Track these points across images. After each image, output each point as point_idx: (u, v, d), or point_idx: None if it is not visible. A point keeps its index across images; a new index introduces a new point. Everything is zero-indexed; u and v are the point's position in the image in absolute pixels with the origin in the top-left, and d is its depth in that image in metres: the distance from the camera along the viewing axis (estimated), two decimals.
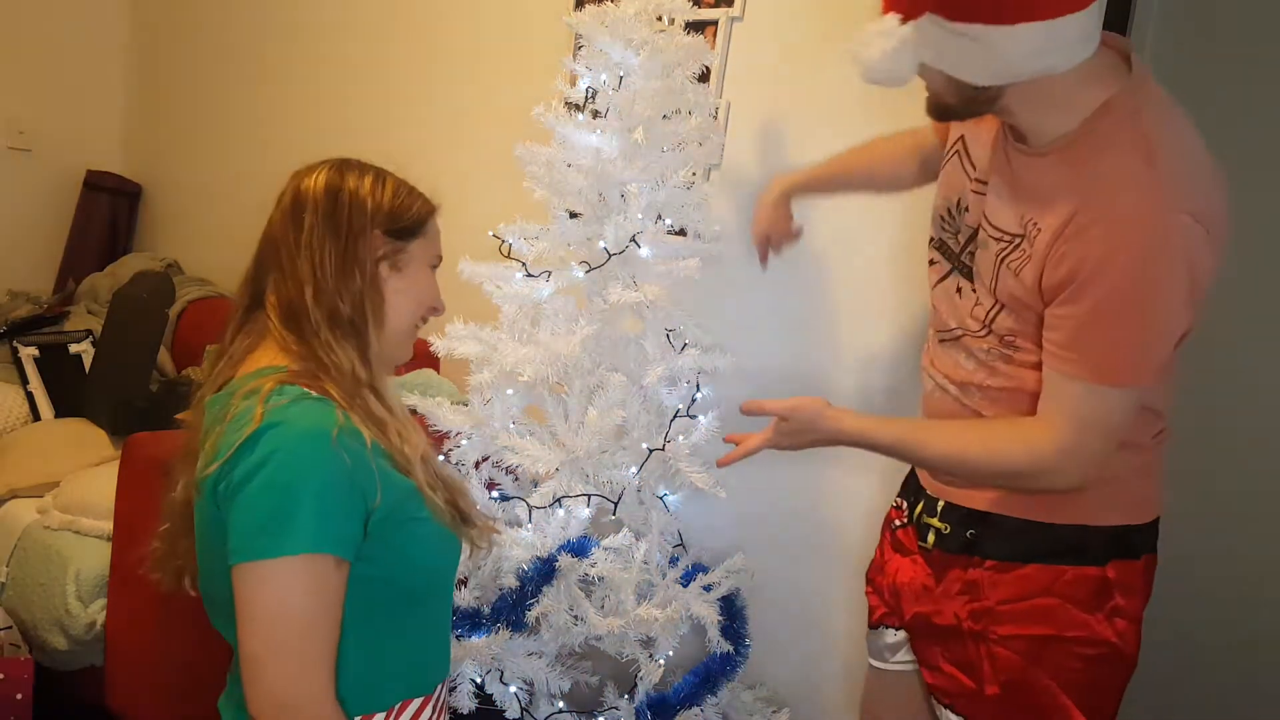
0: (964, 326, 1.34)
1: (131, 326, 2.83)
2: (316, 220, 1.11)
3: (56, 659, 2.19)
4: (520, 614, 1.71)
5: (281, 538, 0.97)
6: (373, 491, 1.03)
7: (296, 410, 1.02)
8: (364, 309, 1.11)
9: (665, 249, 1.85)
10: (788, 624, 2.03)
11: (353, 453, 1.02)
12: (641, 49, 1.81)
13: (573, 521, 1.81)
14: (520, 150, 1.86)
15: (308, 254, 1.10)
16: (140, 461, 2.02)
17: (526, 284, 1.85)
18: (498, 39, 2.62)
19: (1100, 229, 1.12)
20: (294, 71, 3.28)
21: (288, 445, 0.99)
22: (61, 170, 3.77)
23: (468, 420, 1.84)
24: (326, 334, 1.08)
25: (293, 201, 1.13)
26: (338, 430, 1.02)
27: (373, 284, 1.13)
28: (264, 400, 1.02)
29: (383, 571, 1.06)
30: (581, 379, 1.80)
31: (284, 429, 1.00)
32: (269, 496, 0.98)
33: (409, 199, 1.17)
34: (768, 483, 2.07)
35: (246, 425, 1.00)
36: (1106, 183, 1.13)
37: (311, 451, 1.00)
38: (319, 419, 1.02)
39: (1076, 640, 1.29)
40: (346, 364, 1.09)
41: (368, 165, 1.18)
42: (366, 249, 1.12)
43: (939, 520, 1.41)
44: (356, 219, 1.12)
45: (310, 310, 1.09)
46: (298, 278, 1.09)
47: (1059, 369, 1.20)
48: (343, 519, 1.01)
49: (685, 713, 1.80)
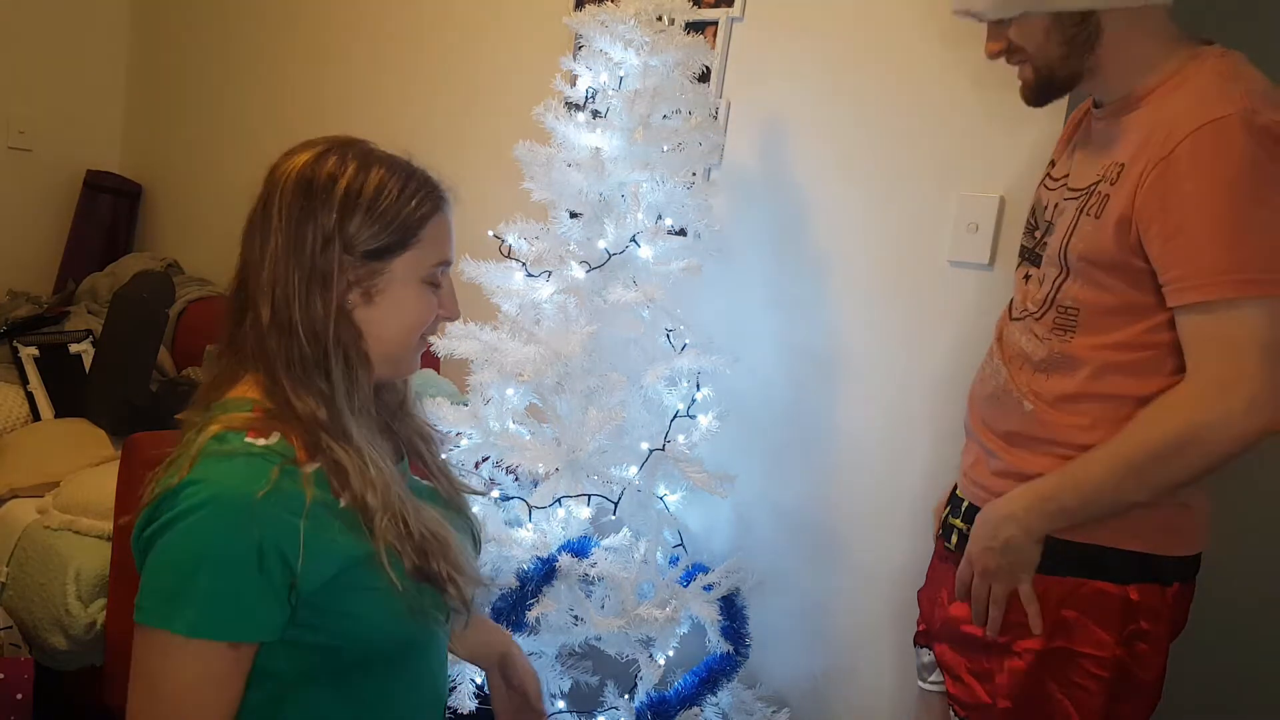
0: (1026, 309, 1.34)
1: (131, 326, 2.82)
2: (281, 226, 0.99)
3: (56, 659, 2.19)
4: (520, 614, 1.71)
5: (170, 613, 0.90)
6: (296, 561, 0.92)
7: (222, 470, 0.93)
8: (326, 347, 0.99)
9: (665, 249, 1.86)
10: (788, 624, 2.03)
11: (275, 522, 0.92)
12: (641, 49, 1.81)
13: (573, 521, 1.81)
14: (520, 150, 1.86)
15: (270, 272, 0.98)
16: (140, 461, 2.02)
17: (526, 284, 1.85)
18: (498, 39, 2.62)
19: (1189, 139, 1.11)
20: (294, 71, 3.28)
21: (196, 511, 0.91)
22: (61, 170, 3.77)
23: (468, 420, 1.84)
24: (284, 369, 0.98)
25: (265, 192, 1.01)
26: (263, 494, 0.91)
27: (341, 314, 1.00)
28: (200, 448, 0.94)
29: (324, 640, 0.98)
30: (581, 379, 1.80)
31: (201, 489, 0.91)
32: (166, 566, 0.92)
33: (396, 205, 1.01)
34: (767, 483, 2.07)
35: (174, 475, 0.93)
36: (1189, 100, 1.14)
37: (218, 522, 0.91)
38: (242, 482, 0.92)
39: (1091, 658, 1.24)
40: (306, 409, 0.97)
41: (358, 148, 1.04)
42: (334, 271, 0.99)
43: (961, 521, 1.39)
44: (323, 228, 0.98)
45: (268, 344, 0.98)
46: (259, 301, 0.99)
47: (1188, 300, 1.12)
48: (243, 599, 0.91)
49: (685, 713, 1.80)
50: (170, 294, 2.99)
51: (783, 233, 2.06)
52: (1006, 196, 1.76)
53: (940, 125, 1.84)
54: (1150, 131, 1.18)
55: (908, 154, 1.88)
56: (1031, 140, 1.72)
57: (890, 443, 1.90)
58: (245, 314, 1.01)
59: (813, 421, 2.02)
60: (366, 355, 1.03)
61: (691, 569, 1.91)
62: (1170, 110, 1.17)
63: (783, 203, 2.06)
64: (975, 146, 1.80)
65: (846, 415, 1.97)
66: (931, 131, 1.85)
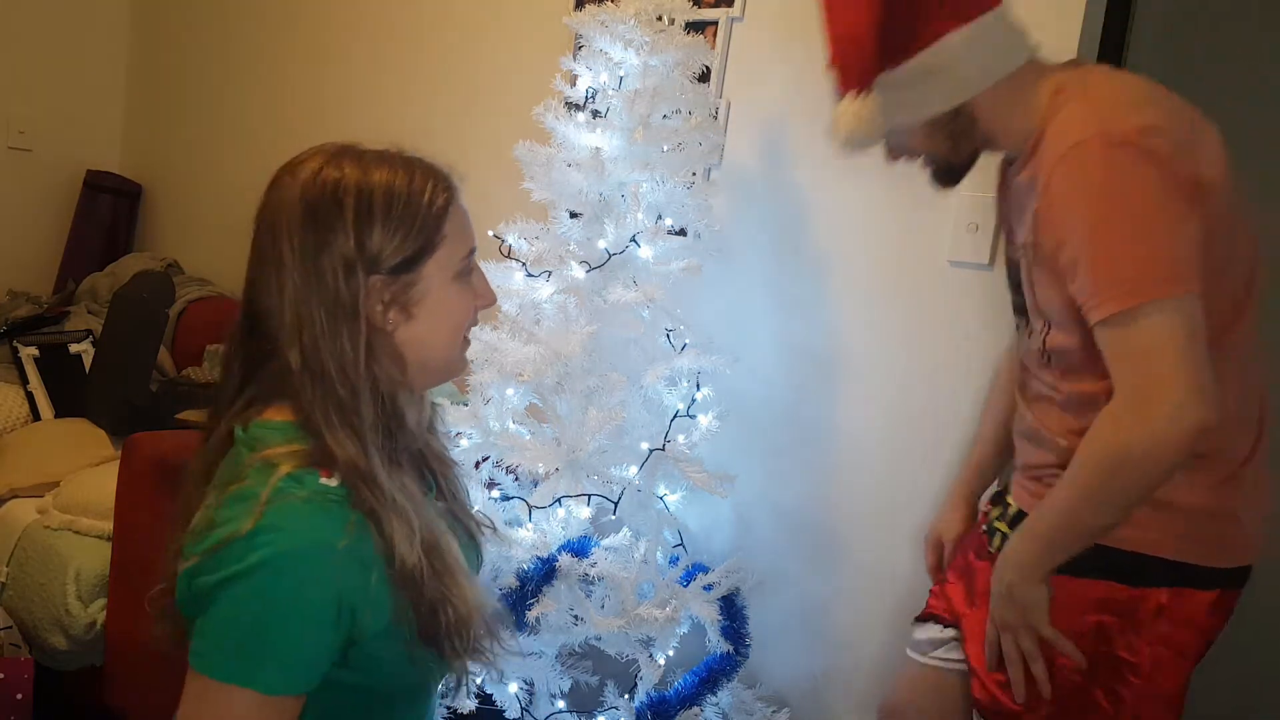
0: (1032, 359, 1.33)
1: (131, 326, 2.82)
2: (296, 263, 0.91)
3: (56, 659, 2.19)
4: (520, 614, 1.71)
5: (250, 671, 0.87)
6: (363, 614, 0.90)
7: (300, 516, 0.88)
8: (356, 383, 0.92)
9: (665, 249, 1.86)
10: (788, 624, 2.03)
11: (350, 576, 0.89)
12: (641, 49, 1.81)
13: (573, 521, 1.81)
14: (520, 150, 1.86)
15: (294, 315, 0.92)
16: (140, 461, 2.02)
17: (526, 284, 1.85)
18: (498, 39, 2.62)
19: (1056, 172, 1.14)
20: (294, 71, 3.28)
21: (276, 563, 0.86)
22: (61, 170, 3.77)
23: (468, 420, 1.84)
24: (321, 414, 0.92)
25: (269, 231, 0.94)
26: (344, 545, 0.88)
27: (372, 344, 0.93)
28: (272, 488, 0.88)
29: (363, 680, 0.96)
30: (581, 379, 1.80)
31: (279, 539, 0.86)
32: (244, 622, 0.87)
33: (410, 206, 0.95)
34: (767, 483, 2.07)
35: (244, 518, 0.87)
36: (1053, 134, 1.16)
37: (301, 576, 0.87)
38: (324, 533, 0.88)
39: (1127, 664, 1.22)
40: (344, 448, 0.91)
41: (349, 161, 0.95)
42: (361, 298, 0.92)
43: (1006, 525, 1.37)
44: (343, 260, 0.91)
45: (304, 393, 0.92)
46: (286, 346, 0.92)
47: (1094, 320, 1.13)
48: (318, 654, 0.90)
49: (685, 713, 1.80)
50: (170, 294, 2.99)
51: (783, 233, 2.06)
52: None
53: None
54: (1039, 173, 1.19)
55: None
56: None
57: (890, 443, 1.90)
58: (266, 354, 0.95)
59: (813, 421, 2.02)
60: (406, 382, 0.97)
61: (691, 569, 1.91)
62: (1044, 149, 1.18)
63: (783, 203, 2.06)
64: None
65: (846, 415, 1.97)
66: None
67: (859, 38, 1.17)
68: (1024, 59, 1.22)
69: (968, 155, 1.30)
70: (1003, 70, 1.21)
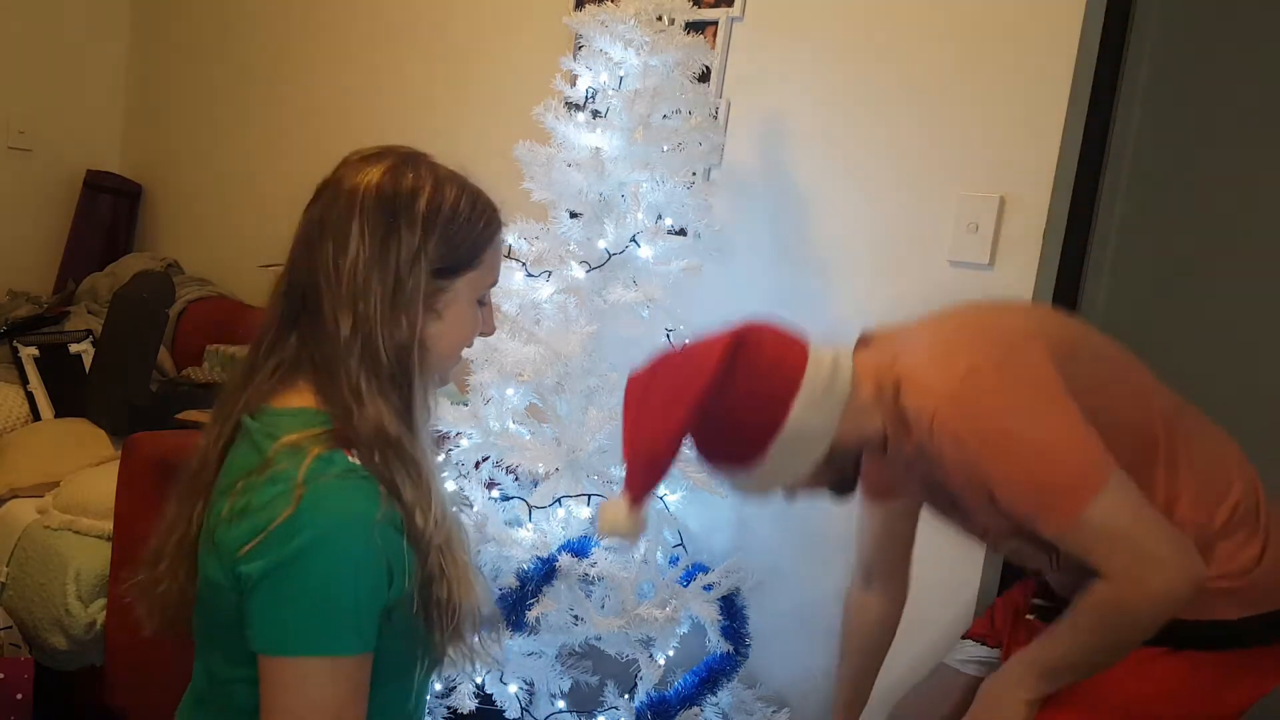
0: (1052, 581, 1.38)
1: (131, 326, 2.82)
2: (365, 239, 0.97)
3: (56, 659, 2.20)
4: (520, 614, 1.71)
5: (323, 640, 0.91)
6: (399, 577, 0.96)
7: (340, 493, 0.93)
8: (409, 360, 0.99)
9: (665, 249, 1.86)
10: (788, 624, 2.03)
11: (390, 542, 0.95)
12: (641, 49, 1.81)
13: (573, 521, 1.81)
14: (520, 150, 1.86)
15: (351, 288, 0.97)
16: (140, 461, 2.02)
17: (526, 284, 1.85)
18: (498, 39, 2.62)
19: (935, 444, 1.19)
20: (293, 71, 3.28)
21: (331, 538, 0.91)
22: (61, 170, 3.77)
23: (468, 420, 1.84)
24: (360, 383, 0.97)
25: (345, 202, 0.99)
26: (380, 514, 0.94)
27: (418, 332, 1.00)
28: (307, 469, 0.93)
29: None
30: (581, 379, 1.80)
31: (324, 516, 0.91)
32: (312, 593, 0.91)
33: (466, 224, 1.02)
34: None
35: (283, 504, 0.91)
36: (914, 400, 1.21)
37: (354, 547, 0.92)
38: (363, 504, 0.94)
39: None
40: (374, 417, 0.96)
41: (424, 164, 1.03)
42: (416, 288, 0.99)
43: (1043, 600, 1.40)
44: (409, 247, 0.98)
45: (345, 357, 0.97)
46: (338, 313, 0.97)
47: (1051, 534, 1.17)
48: (376, 615, 0.95)
49: (685, 713, 1.80)
50: (170, 294, 2.99)
51: (783, 233, 2.06)
52: (1006, 196, 1.76)
53: (940, 125, 1.84)
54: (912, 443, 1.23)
55: (908, 154, 1.88)
56: (1031, 140, 1.72)
57: None
58: (307, 322, 0.99)
59: None
60: (433, 369, 1.04)
61: (691, 569, 1.91)
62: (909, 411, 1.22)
63: (783, 203, 2.06)
64: (975, 146, 1.80)
65: None
66: (931, 131, 1.85)
67: (653, 471, 1.20)
68: (847, 383, 1.27)
69: (851, 472, 1.36)
70: (840, 405, 1.25)
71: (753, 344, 1.25)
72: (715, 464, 1.30)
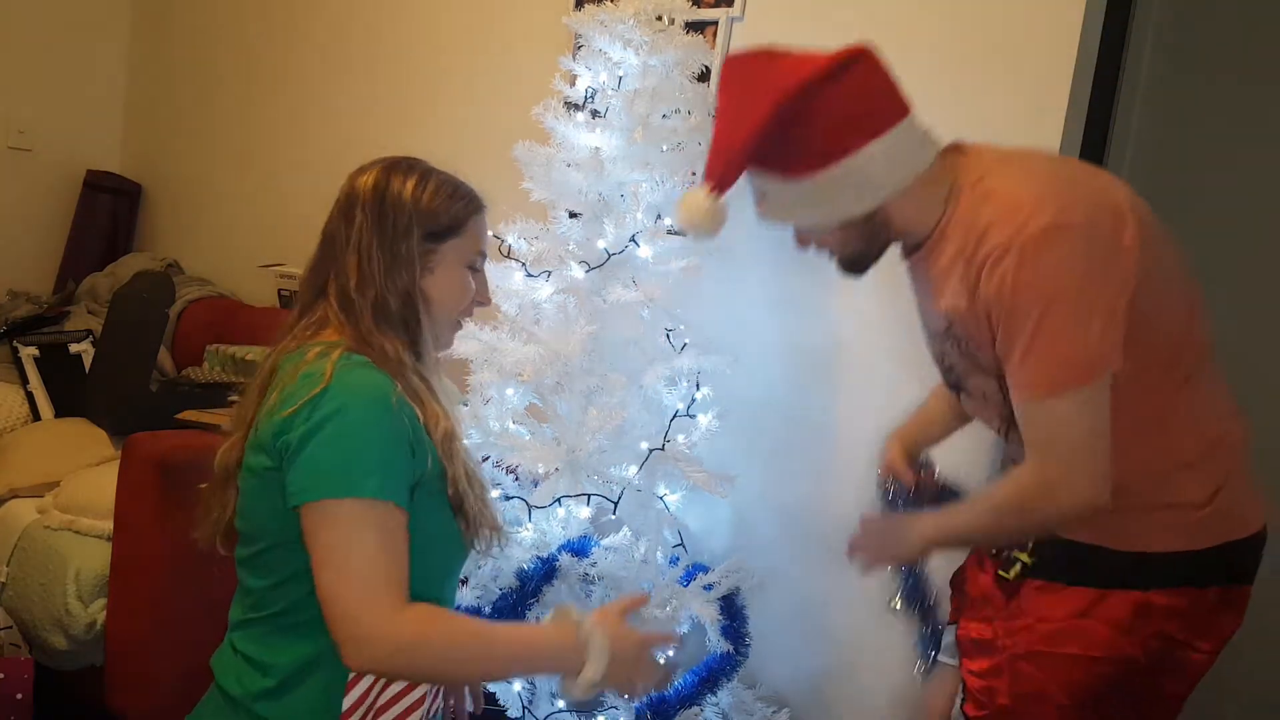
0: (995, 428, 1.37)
1: (131, 326, 2.82)
2: (365, 219, 1.19)
3: (56, 659, 2.19)
4: (521, 614, 1.71)
5: (351, 482, 1.05)
6: (423, 458, 1.11)
7: (360, 376, 1.11)
8: (414, 304, 1.19)
9: (665, 249, 1.86)
10: (788, 624, 2.03)
11: (409, 420, 1.11)
12: (641, 49, 1.81)
13: (573, 521, 1.81)
14: (520, 150, 1.87)
15: (355, 251, 1.19)
16: (140, 461, 2.02)
17: (526, 284, 1.85)
18: (498, 39, 2.62)
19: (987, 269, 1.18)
20: (294, 70, 3.28)
21: (357, 402, 1.08)
22: (61, 170, 3.77)
23: (468, 420, 1.85)
24: (370, 323, 1.16)
25: (346, 199, 1.22)
26: (396, 398, 1.10)
27: (417, 281, 1.21)
28: (334, 362, 1.11)
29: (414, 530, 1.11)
30: (581, 379, 1.80)
31: (352, 389, 1.09)
32: (339, 444, 1.06)
33: (447, 201, 1.23)
34: (767, 483, 2.07)
35: (317, 382, 1.09)
36: (997, 212, 1.20)
37: (377, 410, 1.09)
38: (382, 384, 1.11)
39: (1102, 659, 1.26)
40: (391, 350, 1.16)
41: (416, 164, 1.25)
42: (410, 249, 1.20)
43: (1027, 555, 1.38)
44: (400, 219, 1.19)
45: (358, 302, 1.17)
46: (348, 272, 1.18)
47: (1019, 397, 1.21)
48: (400, 475, 1.09)
49: (685, 712, 1.80)
50: (170, 294, 2.98)
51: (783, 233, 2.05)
52: None
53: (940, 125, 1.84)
54: (961, 253, 1.22)
55: None
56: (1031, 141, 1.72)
57: None
58: (327, 285, 1.19)
59: (813, 421, 2.01)
60: (435, 317, 1.22)
61: (691, 569, 1.91)
62: (979, 223, 1.20)
63: None
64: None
65: (846, 415, 1.97)
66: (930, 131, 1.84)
67: (734, 156, 1.21)
68: (932, 157, 1.26)
69: (876, 253, 1.35)
70: (913, 174, 1.24)
71: (870, 66, 1.21)
72: (764, 165, 1.25)
